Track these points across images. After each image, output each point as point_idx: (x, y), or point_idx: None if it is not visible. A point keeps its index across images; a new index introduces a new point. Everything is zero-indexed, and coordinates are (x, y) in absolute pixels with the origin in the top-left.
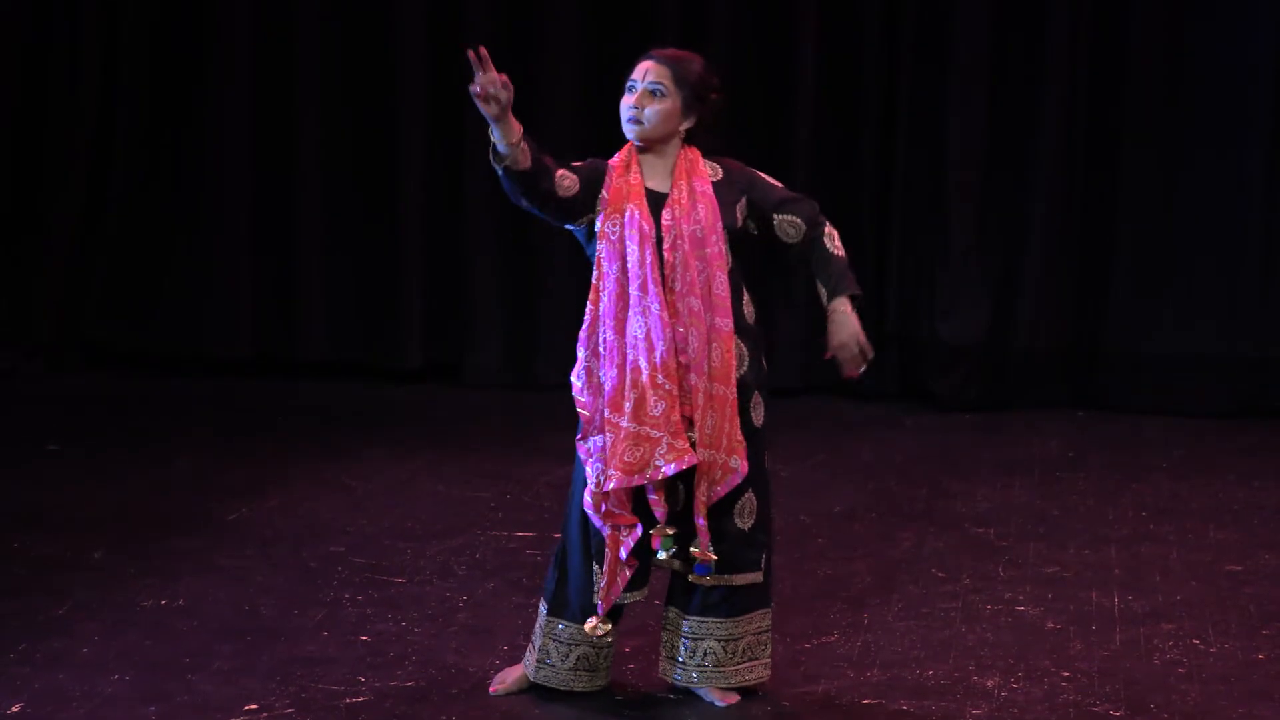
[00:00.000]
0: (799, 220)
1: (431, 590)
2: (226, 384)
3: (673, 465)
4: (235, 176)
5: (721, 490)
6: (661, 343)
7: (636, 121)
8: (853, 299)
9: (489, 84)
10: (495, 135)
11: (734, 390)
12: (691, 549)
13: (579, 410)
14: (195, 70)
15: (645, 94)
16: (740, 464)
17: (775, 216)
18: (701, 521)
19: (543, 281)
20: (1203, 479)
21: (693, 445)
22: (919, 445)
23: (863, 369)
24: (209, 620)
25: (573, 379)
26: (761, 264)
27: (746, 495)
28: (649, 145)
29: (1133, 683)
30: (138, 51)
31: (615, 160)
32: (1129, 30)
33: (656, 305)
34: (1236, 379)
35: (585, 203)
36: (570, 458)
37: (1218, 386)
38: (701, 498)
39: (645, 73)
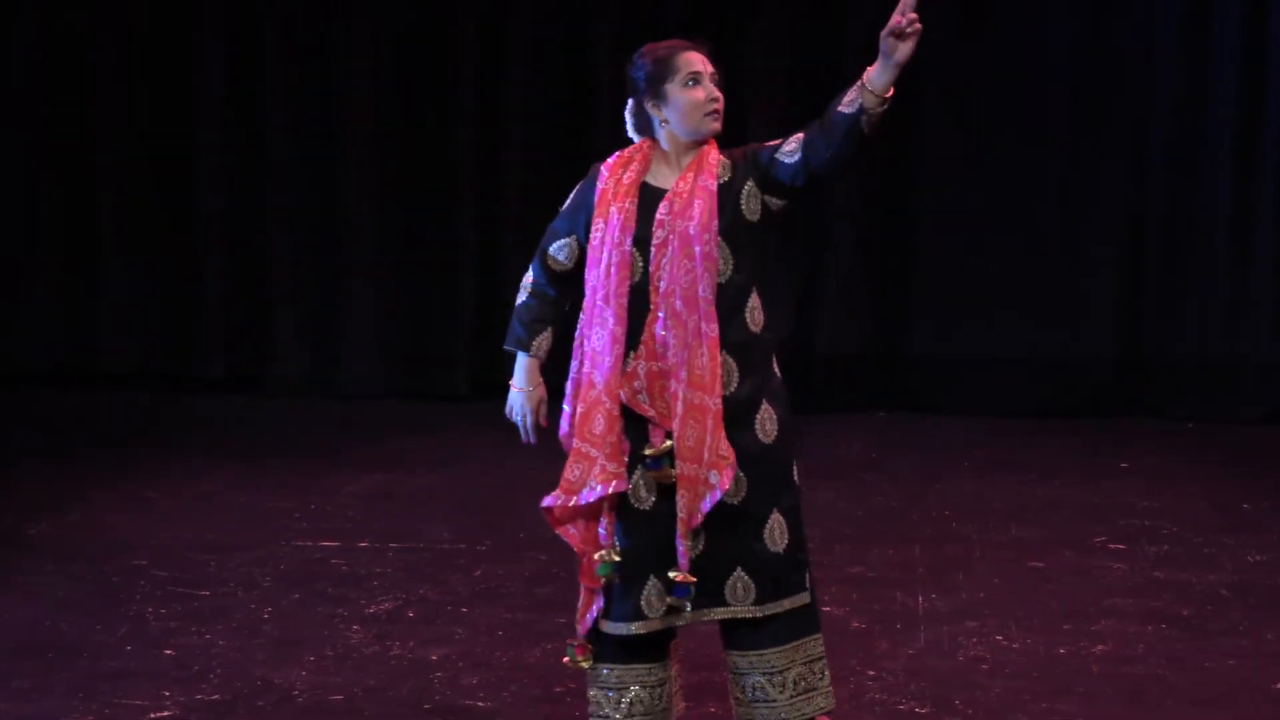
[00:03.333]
0: (796, 135)
1: (236, 602)
2: (25, 395)
3: (601, 487)
4: (31, 183)
5: (705, 508)
6: (609, 357)
7: (719, 115)
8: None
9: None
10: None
11: (718, 400)
12: (670, 572)
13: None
14: None
15: (715, 85)
16: (719, 479)
17: (776, 156)
18: (682, 544)
19: (345, 291)
20: (1005, 478)
21: (670, 460)
22: None
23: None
24: (7, 638)
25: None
26: None
27: (773, 517)
28: (679, 144)
29: (938, 680)
30: None
31: (613, 160)
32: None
33: (612, 319)
34: (1037, 379)
35: (581, 239)
36: (372, 466)
37: (1019, 387)
38: (683, 515)
39: (704, 63)
